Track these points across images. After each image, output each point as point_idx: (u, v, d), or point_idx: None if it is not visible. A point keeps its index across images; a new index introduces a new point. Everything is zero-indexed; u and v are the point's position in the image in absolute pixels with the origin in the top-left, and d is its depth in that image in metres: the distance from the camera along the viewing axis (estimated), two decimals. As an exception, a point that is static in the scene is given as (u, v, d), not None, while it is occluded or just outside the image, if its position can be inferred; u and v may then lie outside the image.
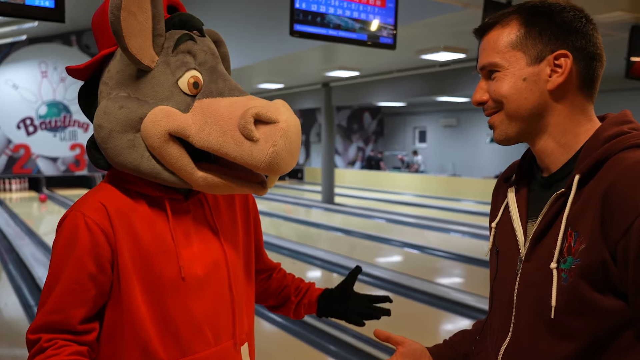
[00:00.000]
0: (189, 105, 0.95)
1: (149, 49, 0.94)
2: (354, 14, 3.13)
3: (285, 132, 0.92)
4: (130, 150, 0.94)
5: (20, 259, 6.24)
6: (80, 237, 0.93)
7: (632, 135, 0.83)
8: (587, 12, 0.89)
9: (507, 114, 0.89)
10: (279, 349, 3.81)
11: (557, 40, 0.86)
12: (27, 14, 1.87)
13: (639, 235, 0.74)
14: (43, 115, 14.17)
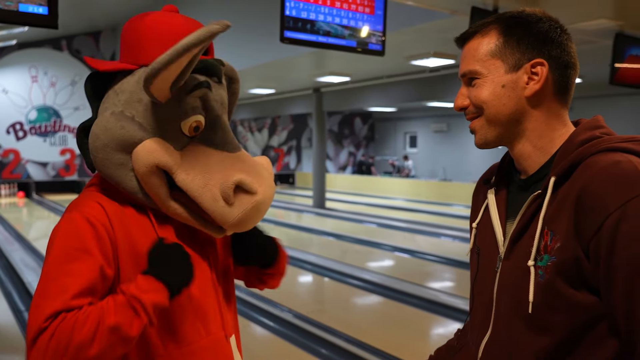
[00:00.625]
0: (183, 145, 1.01)
1: (166, 90, 0.97)
2: (343, 21, 3.18)
3: (258, 204, 1.00)
4: (118, 167, 0.99)
5: (9, 265, 6.21)
6: (83, 233, 0.95)
7: (603, 140, 0.87)
8: (572, 19, 0.94)
9: (487, 119, 0.93)
10: (271, 352, 3.83)
11: (533, 49, 0.90)
12: (21, 21, 1.90)
13: (609, 235, 0.79)
14: (33, 120, 14.10)
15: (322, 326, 4.12)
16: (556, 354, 0.86)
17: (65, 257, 0.93)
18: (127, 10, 12.42)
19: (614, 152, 0.84)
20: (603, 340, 0.83)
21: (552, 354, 0.86)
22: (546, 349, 0.86)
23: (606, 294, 0.81)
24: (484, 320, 0.97)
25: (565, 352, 0.85)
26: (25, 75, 13.90)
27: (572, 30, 4.13)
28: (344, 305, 4.98)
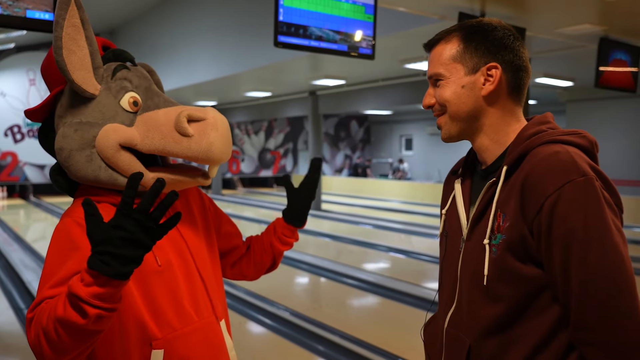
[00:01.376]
0: (132, 121, 1.11)
1: (92, 79, 1.11)
2: (334, 26, 3.30)
3: (214, 125, 1.09)
4: (89, 164, 1.09)
5: (9, 265, 6.29)
6: (73, 234, 1.05)
7: (547, 133, 0.99)
8: (558, 24, 1.07)
9: (450, 116, 1.06)
10: (269, 349, 3.92)
11: (489, 54, 1.03)
12: (28, 26, 1.99)
13: (547, 214, 0.91)
14: (31, 123, 14.17)
15: (318, 323, 4.21)
16: (507, 319, 0.98)
17: (58, 258, 1.03)
18: (124, 14, 12.52)
19: (555, 144, 0.96)
20: (547, 307, 0.95)
21: (504, 320, 0.98)
22: (499, 316, 0.98)
23: (548, 265, 0.93)
24: (451, 295, 1.09)
25: (514, 318, 0.97)
26: (23, 78, 13.98)
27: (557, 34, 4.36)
28: (339, 303, 5.08)
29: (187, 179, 1.15)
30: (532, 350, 0.96)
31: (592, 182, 0.91)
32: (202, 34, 9.44)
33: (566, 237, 0.90)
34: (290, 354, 3.77)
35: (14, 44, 13.09)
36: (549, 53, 6.51)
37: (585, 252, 0.89)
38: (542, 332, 0.95)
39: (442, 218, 1.16)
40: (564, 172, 0.91)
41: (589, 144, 1.00)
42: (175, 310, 1.13)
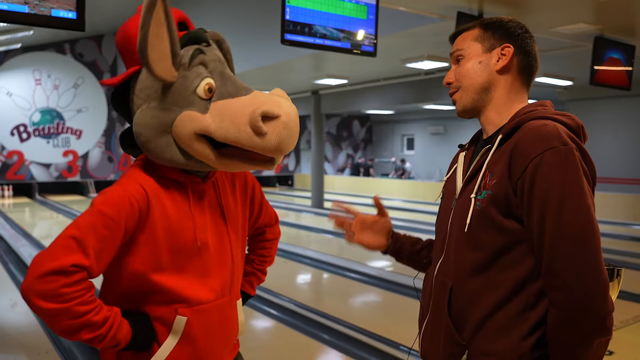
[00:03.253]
0: (206, 108, 1.16)
1: (170, 69, 1.14)
2: (337, 24, 3.45)
3: (287, 123, 1.14)
4: (168, 149, 1.17)
5: (20, 259, 6.43)
6: (121, 208, 1.13)
7: (540, 111, 1.15)
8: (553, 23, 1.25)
9: (464, 89, 1.22)
10: (275, 337, 4.06)
11: (503, 38, 1.21)
12: (53, 24, 2.14)
13: (530, 174, 1.06)
14: (36, 122, 14.32)
15: (322, 314, 4.34)
16: (484, 265, 1.13)
17: (102, 220, 1.10)
18: (129, 14, 12.64)
19: (545, 119, 1.12)
20: (521, 259, 1.11)
21: (482, 265, 1.13)
22: (478, 261, 1.14)
23: (527, 219, 1.08)
24: (441, 247, 1.25)
25: (491, 265, 1.12)
26: (29, 78, 14.13)
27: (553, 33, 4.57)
28: (343, 296, 5.21)
29: (254, 165, 1.22)
30: (506, 296, 1.11)
31: (572, 151, 1.05)
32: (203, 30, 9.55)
33: (545, 194, 1.04)
34: (296, 342, 3.90)
35: (20, 44, 13.25)
36: (548, 52, 6.63)
37: (560, 208, 1.03)
38: (514, 281, 1.10)
39: (444, 184, 1.32)
40: (548, 140, 1.06)
41: (576, 125, 1.14)
42: (204, 286, 1.24)
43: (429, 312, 1.25)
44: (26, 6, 2.05)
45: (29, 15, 2.06)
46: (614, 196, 10.44)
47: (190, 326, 1.22)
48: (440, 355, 1.19)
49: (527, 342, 1.09)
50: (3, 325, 4.22)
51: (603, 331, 1.04)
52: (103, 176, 15.37)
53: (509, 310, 1.10)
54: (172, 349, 1.21)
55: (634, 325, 4.15)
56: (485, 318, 1.12)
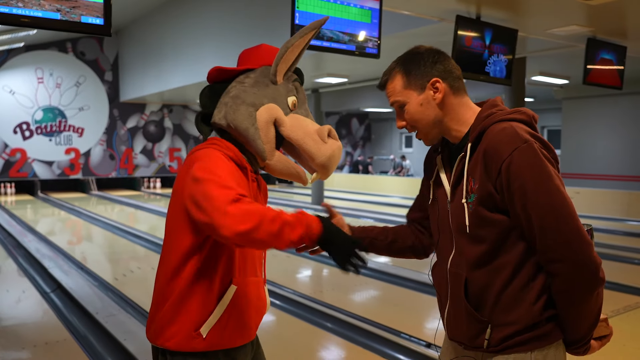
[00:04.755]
0: (287, 113, 1.49)
1: (283, 74, 1.51)
2: (343, 28, 3.63)
3: (340, 148, 1.50)
4: (248, 118, 1.44)
5: (29, 254, 6.60)
6: (225, 160, 1.38)
7: (496, 115, 1.35)
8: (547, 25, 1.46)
9: (422, 130, 1.43)
10: (281, 326, 4.23)
11: (427, 74, 1.39)
12: (83, 30, 2.30)
13: (505, 174, 1.27)
14: (39, 120, 14.45)
15: (325, 304, 4.52)
16: (488, 255, 1.34)
17: (229, 173, 1.33)
18: (131, 14, 12.79)
19: (502, 122, 1.32)
20: (515, 243, 1.32)
21: (486, 256, 1.34)
22: (482, 253, 1.34)
23: (512, 211, 1.29)
24: (449, 244, 1.44)
25: (493, 253, 1.33)
26: (32, 76, 14.25)
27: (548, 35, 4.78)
28: (343, 288, 5.38)
29: (295, 174, 1.52)
30: (510, 275, 1.32)
31: (532, 145, 1.26)
32: (208, 33, 9.71)
33: (521, 188, 1.26)
34: (300, 329, 4.07)
35: (23, 43, 13.38)
36: (544, 52, 6.79)
37: (536, 196, 1.25)
38: (515, 262, 1.32)
39: (431, 187, 1.50)
40: (511, 142, 1.27)
41: (528, 118, 1.34)
42: (252, 265, 1.48)
43: (448, 301, 1.45)
44: (58, 13, 2.22)
45: (61, 21, 2.23)
46: (609, 192, 10.64)
47: (237, 295, 1.42)
48: (465, 334, 1.40)
49: (536, 306, 1.31)
50: (19, 315, 4.39)
51: (599, 282, 1.26)
52: (105, 174, 15.52)
53: (516, 285, 1.31)
54: (223, 311, 1.40)
55: (624, 314, 4.35)
56: (499, 296, 1.33)
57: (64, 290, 4.92)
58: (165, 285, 1.41)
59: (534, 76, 9.26)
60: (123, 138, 15.86)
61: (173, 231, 1.42)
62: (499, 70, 4.88)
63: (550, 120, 15.96)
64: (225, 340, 1.41)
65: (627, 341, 3.77)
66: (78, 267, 5.88)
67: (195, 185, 1.29)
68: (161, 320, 1.41)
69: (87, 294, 4.81)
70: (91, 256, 6.98)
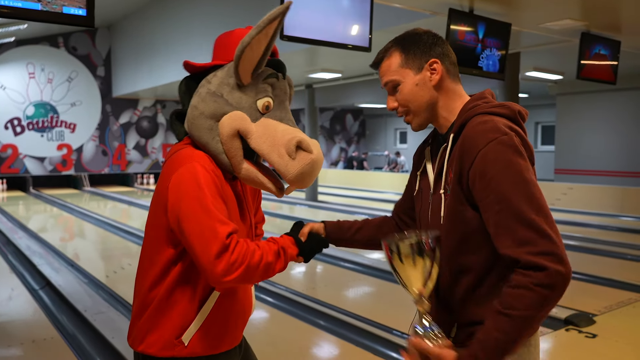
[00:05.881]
0: (257, 118, 1.34)
1: (249, 74, 1.33)
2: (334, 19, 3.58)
3: (314, 162, 1.33)
4: (208, 132, 1.32)
5: (18, 250, 6.52)
6: (204, 177, 1.26)
7: (480, 107, 1.30)
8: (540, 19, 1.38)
9: (414, 112, 1.36)
10: (274, 324, 4.19)
11: (425, 54, 1.33)
12: (65, 21, 2.24)
13: (480, 161, 1.20)
14: (30, 116, 14.33)
15: (318, 301, 4.48)
16: (457, 252, 1.28)
17: (215, 199, 1.24)
18: (123, 8, 12.68)
19: (485, 115, 1.27)
20: (485, 242, 1.23)
21: (455, 250, 1.29)
22: (450, 248, 1.29)
23: (484, 201, 1.20)
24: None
25: (463, 250, 1.28)
26: (23, 71, 14.12)
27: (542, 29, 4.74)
28: (337, 285, 5.35)
29: (267, 185, 1.38)
30: (478, 275, 1.26)
31: (511, 138, 1.19)
32: (199, 28, 9.63)
33: (496, 177, 1.18)
34: (293, 327, 4.03)
35: (14, 37, 13.24)
36: (538, 47, 6.76)
37: (513, 187, 1.16)
38: (484, 261, 1.25)
39: (418, 178, 1.45)
40: (490, 133, 1.21)
41: (512, 113, 1.27)
42: None
43: None
44: (39, 4, 2.16)
45: (42, 12, 2.17)
46: (602, 188, 10.65)
47: (220, 301, 1.37)
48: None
49: None
50: (8, 313, 4.32)
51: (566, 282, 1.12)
52: (97, 170, 15.42)
53: (484, 284, 1.25)
54: (205, 318, 1.35)
55: (617, 311, 4.33)
56: (466, 294, 1.27)
57: (53, 287, 4.86)
58: (146, 294, 1.36)
59: (528, 72, 9.24)
60: (116, 134, 15.75)
61: (153, 240, 1.35)
62: (492, 64, 4.84)
63: (544, 116, 15.96)
64: (209, 346, 1.37)
65: (620, 338, 3.75)
66: (69, 265, 5.82)
67: (181, 215, 1.24)
68: (142, 328, 1.36)
69: (76, 291, 4.75)
70: (83, 253, 6.91)
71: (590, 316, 4.11)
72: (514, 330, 1.11)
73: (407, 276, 1.24)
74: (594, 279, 5.29)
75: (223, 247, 1.21)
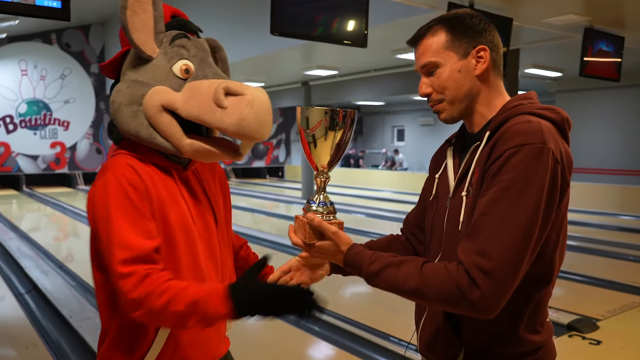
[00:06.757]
0: (180, 86, 1.17)
1: (151, 42, 1.17)
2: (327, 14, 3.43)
3: (251, 102, 1.11)
4: (133, 119, 1.16)
5: (7, 252, 6.37)
6: (115, 191, 1.10)
7: (526, 106, 1.14)
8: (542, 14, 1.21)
9: (449, 100, 1.18)
10: (265, 330, 4.05)
11: (474, 39, 1.17)
12: (37, 14, 2.09)
13: (502, 160, 1.05)
14: (23, 114, 14.14)
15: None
16: None
17: (127, 216, 1.08)
18: (116, 5, 12.50)
19: (529, 115, 1.11)
20: None
21: None
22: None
23: (481, 195, 1.07)
24: (438, 245, 1.23)
25: None
26: (15, 68, 13.92)
27: (543, 24, 4.56)
28: (332, 287, 5.22)
29: (219, 152, 1.18)
30: None
31: (548, 152, 1.03)
32: (196, 23, 9.47)
33: (509, 182, 1.03)
34: (286, 333, 3.90)
35: (6, 34, 13.04)
36: (538, 44, 6.64)
37: (517, 201, 1.02)
38: None
39: (435, 182, 1.29)
40: (528, 136, 1.05)
41: (561, 119, 1.12)
42: (195, 271, 1.20)
43: (426, 311, 1.26)
44: (9, -5, 2.01)
45: (13, 4, 2.02)
46: (602, 187, 10.54)
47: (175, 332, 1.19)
48: (440, 354, 1.20)
49: (523, 334, 1.11)
50: (-10, 318, 4.18)
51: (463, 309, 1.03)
52: (91, 168, 15.24)
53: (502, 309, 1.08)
54: (165, 338, 1.18)
55: (620, 315, 4.20)
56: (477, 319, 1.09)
57: (39, 291, 4.71)
58: (102, 320, 1.23)
59: (527, 69, 9.12)
60: (110, 132, 15.55)
61: (95, 268, 1.21)
62: (493, 61, 4.70)
63: (542, 114, 15.84)
64: None
65: (626, 344, 3.62)
66: (57, 267, 5.67)
67: (96, 240, 1.13)
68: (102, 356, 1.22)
69: (64, 295, 4.60)
70: (74, 255, 6.75)
71: (594, 321, 3.98)
72: (403, 285, 1.10)
73: (316, 150, 1.19)
74: (595, 281, 5.17)
75: (121, 278, 1.06)
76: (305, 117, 1.17)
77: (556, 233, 1.11)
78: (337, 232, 1.18)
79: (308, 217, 1.18)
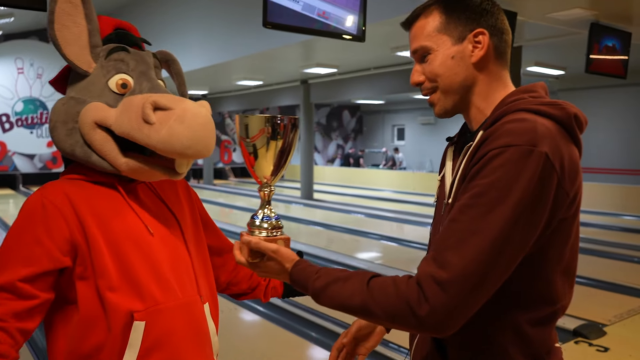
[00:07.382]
0: (117, 102, 1.11)
1: (86, 56, 1.12)
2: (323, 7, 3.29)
3: (181, 117, 1.03)
4: (68, 138, 1.10)
5: None
6: (38, 214, 1.05)
7: (524, 101, 0.98)
8: (548, 9, 1.05)
9: (442, 90, 1.04)
10: (260, 335, 3.94)
11: (473, 21, 1.02)
12: (10, 3, 1.97)
13: (483, 163, 0.91)
14: (19, 112, 14.05)
15: (310, 310, 4.23)
16: None
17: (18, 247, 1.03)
18: (112, 3, 12.38)
19: (528, 112, 0.95)
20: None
21: None
22: None
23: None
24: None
25: None
26: (11, 66, 13.84)
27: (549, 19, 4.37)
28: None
29: (155, 171, 1.11)
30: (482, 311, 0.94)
31: (539, 156, 0.89)
32: (192, 22, 9.38)
33: (485, 187, 0.90)
34: (283, 340, 3.79)
35: (1, 31, 12.94)
36: (541, 41, 6.52)
37: (491, 209, 0.88)
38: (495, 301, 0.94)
39: (438, 185, 1.16)
40: (516, 136, 0.90)
41: (566, 115, 0.96)
42: (159, 283, 1.10)
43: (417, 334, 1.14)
44: (-20, -18, 1.88)
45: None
46: (605, 186, 10.43)
47: (149, 333, 1.06)
48: None
49: (513, 352, 0.97)
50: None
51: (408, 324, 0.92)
52: (89, 167, 15.15)
53: (487, 324, 0.97)
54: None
55: (628, 320, 4.08)
56: (465, 333, 0.96)
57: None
58: None
59: (530, 67, 9.00)
60: (108, 130, 15.49)
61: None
62: (496, 58, 4.58)
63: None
64: None
65: (634, 351, 3.49)
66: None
67: None
68: None
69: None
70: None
71: (600, 326, 3.85)
72: (348, 302, 0.99)
73: (258, 161, 1.08)
74: (600, 284, 5.04)
75: None
76: (244, 125, 1.05)
77: (557, 250, 0.96)
78: (278, 250, 1.05)
79: (244, 239, 1.07)
